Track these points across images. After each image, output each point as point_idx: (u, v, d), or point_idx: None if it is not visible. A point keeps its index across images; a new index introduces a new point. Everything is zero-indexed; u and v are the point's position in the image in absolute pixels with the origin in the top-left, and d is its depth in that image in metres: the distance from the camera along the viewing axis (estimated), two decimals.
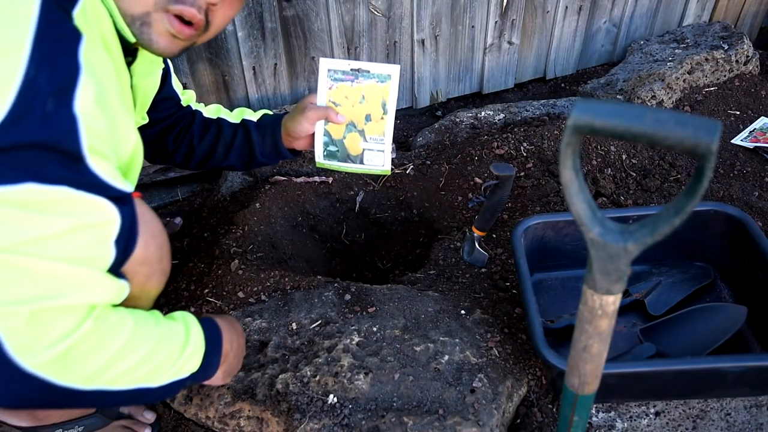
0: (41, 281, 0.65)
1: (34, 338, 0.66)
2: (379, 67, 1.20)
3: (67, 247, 0.67)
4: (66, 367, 0.69)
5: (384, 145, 1.22)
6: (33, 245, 0.64)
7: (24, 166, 0.62)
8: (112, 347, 0.73)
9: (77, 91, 0.67)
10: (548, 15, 2.31)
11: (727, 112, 2.05)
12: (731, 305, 1.32)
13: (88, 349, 0.71)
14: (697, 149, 0.51)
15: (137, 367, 0.77)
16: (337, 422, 1.08)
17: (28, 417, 1.11)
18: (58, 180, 0.64)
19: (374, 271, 1.77)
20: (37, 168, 0.63)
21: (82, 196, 0.67)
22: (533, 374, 1.22)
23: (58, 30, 0.67)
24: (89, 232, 0.69)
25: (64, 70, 0.66)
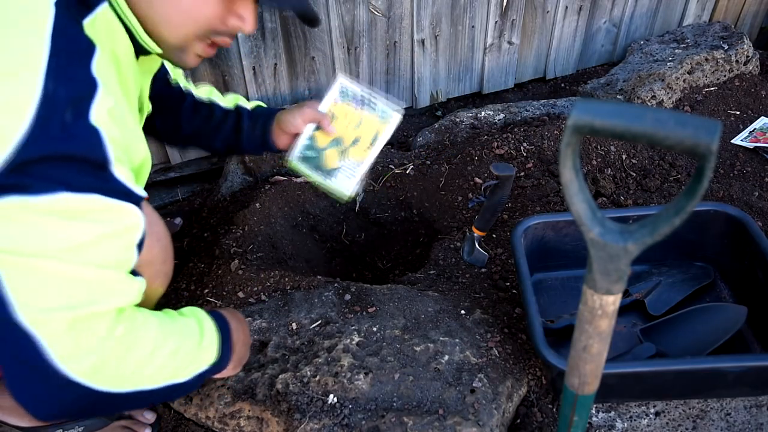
0: (79, 287, 0.67)
1: (75, 345, 0.67)
2: (386, 105, 1.24)
3: (100, 253, 0.69)
4: (106, 372, 0.71)
5: (357, 173, 1.24)
6: (70, 252, 0.66)
7: (55, 177, 0.64)
8: (144, 347, 0.75)
9: (94, 102, 0.68)
10: (548, 15, 2.31)
11: (727, 112, 2.05)
12: (731, 305, 1.32)
13: (123, 352, 0.73)
14: (697, 149, 0.51)
15: (166, 364, 0.80)
16: (337, 422, 1.08)
17: (28, 417, 1.11)
18: (88, 188, 0.66)
19: (374, 271, 1.77)
20: (68, 178, 0.64)
21: (112, 203, 0.69)
22: (533, 374, 1.22)
23: (72, 41, 0.68)
24: (119, 238, 0.71)
25: (80, 83, 0.67)
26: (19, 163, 0.61)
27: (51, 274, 0.65)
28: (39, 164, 0.62)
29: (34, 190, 0.62)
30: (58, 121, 0.63)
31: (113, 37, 0.77)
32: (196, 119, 1.27)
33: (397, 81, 2.18)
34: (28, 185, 0.62)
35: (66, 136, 0.64)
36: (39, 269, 0.65)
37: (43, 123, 0.62)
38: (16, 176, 0.61)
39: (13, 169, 0.61)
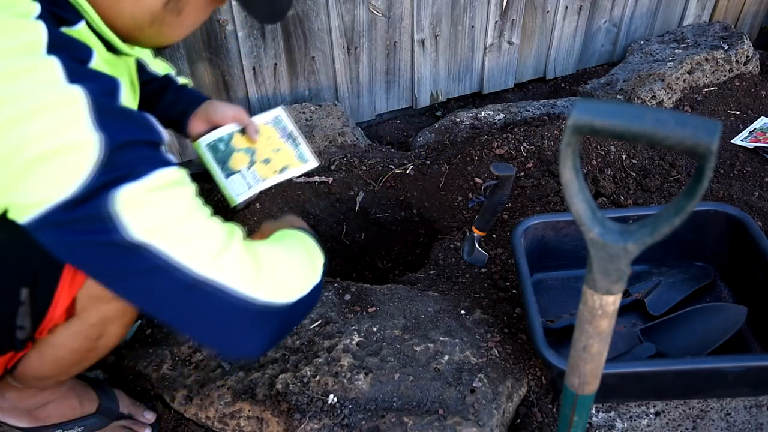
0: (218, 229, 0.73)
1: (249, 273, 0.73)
2: (307, 150, 1.32)
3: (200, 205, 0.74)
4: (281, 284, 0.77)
5: (255, 187, 1.26)
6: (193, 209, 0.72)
7: (143, 160, 0.68)
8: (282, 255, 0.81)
9: (120, 93, 0.70)
10: (548, 15, 2.31)
11: (727, 112, 2.05)
12: (731, 305, 1.32)
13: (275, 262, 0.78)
14: (697, 149, 0.51)
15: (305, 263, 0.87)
16: (337, 422, 1.08)
17: (28, 417, 1.11)
18: (167, 162, 0.71)
19: (374, 271, 1.77)
20: (152, 158, 0.69)
21: (182, 173, 0.73)
22: (533, 374, 1.22)
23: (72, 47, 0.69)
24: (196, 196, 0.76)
25: (100, 78, 0.69)
26: (107, 160, 0.64)
27: (196, 229, 0.71)
28: (123, 153, 0.66)
29: (137, 174, 0.66)
30: (112, 110, 0.67)
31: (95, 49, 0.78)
32: None
33: (397, 81, 2.18)
34: (129, 173, 0.66)
35: (129, 121, 0.69)
36: (187, 231, 0.70)
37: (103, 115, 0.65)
38: (112, 170, 0.64)
39: (105, 167, 0.64)
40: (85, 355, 0.97)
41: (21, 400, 1.09)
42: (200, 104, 1.25)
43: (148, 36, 0.81)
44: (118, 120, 0.67)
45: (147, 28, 0.78)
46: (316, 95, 2.07)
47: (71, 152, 0.63)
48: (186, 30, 0.84)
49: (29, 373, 0.97)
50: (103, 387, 1.21)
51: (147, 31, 0.79)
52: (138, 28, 0.78)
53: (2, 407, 1.10)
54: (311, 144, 1.90)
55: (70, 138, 0.63)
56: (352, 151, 1.93)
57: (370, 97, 2.17)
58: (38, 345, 0.92)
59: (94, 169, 0.63)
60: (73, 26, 0.72)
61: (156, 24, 0.78)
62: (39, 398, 1.10)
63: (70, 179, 0.63)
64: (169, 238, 0.68)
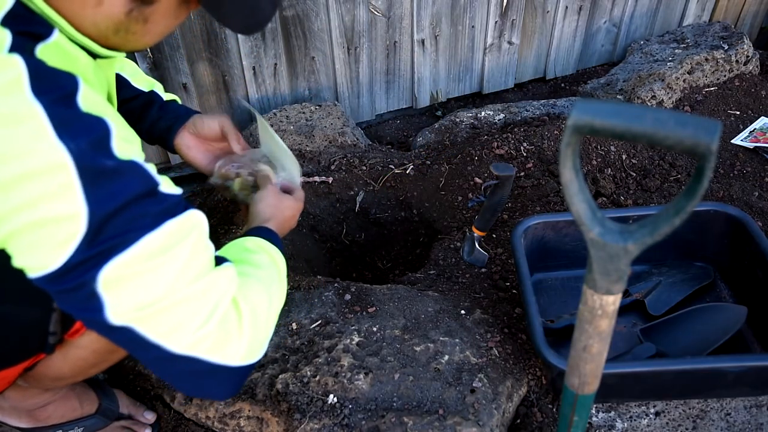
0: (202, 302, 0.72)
1: (226, 344, 0.75)
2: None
3: (197, 262, 0.73)
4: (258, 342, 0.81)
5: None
6: (179, 279, 0.69)
7: (131, 225, 0.65)
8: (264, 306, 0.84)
9: (112, 138, 0.67)
10: (548, 15, 2.31)
11: (727, 112, 2.05)
12: (731, 305, 1.32)
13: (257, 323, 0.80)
14: (697, 149, 0.51)
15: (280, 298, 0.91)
16: (337, 422, 1.08)
17: (28, 418, 1.11)
18: (160, 219, 0.68)
19: (374, 271, 1.77)
20: (141, 220, 0.66)
21: (180, 219, 0.71)
22: (533, 374, 1.22)
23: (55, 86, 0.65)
24: (200, 240, 0.75)
25: (89, 124, 0.65)
26: (97, 228, 0.62)
27: (177, 306, 0.70)
28: (112, 222, 0.64)
29: (124, 244, 0.64)
30: (101, 172, 0.64)
31: (72, 59, 0.74)
32: None
33: (397, 81, 2.18)
34: (114, 246, 0.64)
35: (117, 183, 0.65)
36: (165, 310, 0.69)
37: (91, 182, 0.62)
38: (99, 243, 0.63)
39: (95, 236, 0.62)
40: (105, 356, 0.98)
41: (22, 401, 1.09)
42: (187, 119, 1.22)
43: (115, 44, 0.77)
44: (108, 183, 0.64)
45: (112, 37, 0.75)
46: (316, 95, 2.07)
47: (59, 224, 0.61)
48: (157, 36, 0.80)
49: (48, 374, 0.98)
50: (103, 387, 1.21)
51: (112, 40, 0.75)
52: (102, 36, 0.74)
53: (2, 407, 1.10)
54: (311, 144, 1.91)
55: (57, 210, 0.61)
56: (352, 151, 1.93)
57: (370, 97, 2.17)
58: (63, 346, 0.94)
59: (81, 242, 0.62)
60: (48, 39, 0.69)
61: (121, 32, 0.75)
62: (40, 399, 1.10)
63: (58, 252, 0.62)
64: (147, 321, 0.68)
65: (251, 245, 0.95)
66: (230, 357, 0.76)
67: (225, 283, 0.77)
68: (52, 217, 0.61)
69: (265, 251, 0.95)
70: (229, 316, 0.76)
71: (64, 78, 0.66)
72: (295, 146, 1.88)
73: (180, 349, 0.71)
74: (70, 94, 0.65)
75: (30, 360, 0.92)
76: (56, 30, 0.70)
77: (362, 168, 1.84)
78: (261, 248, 0.95)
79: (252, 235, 0.99)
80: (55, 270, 0.62)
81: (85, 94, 0.67)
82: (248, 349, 0.78)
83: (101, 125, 0.66)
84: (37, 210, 0.60)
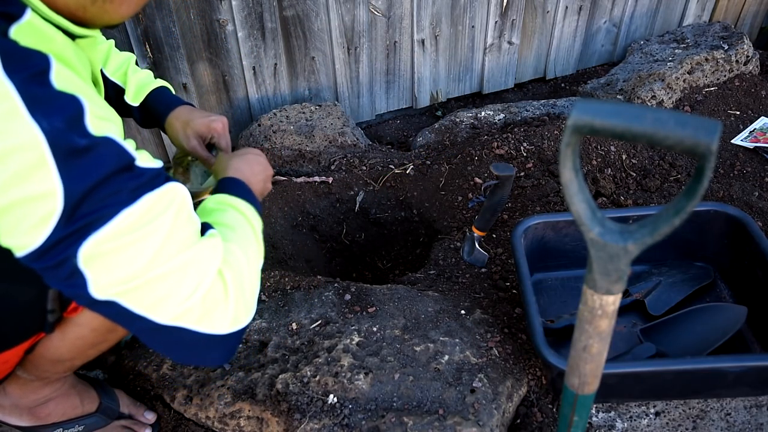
0: (187, 274, 0.72)
1: (212, 314, 0.75)
2: None
3: (180, 234, 0.73)
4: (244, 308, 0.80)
5: None
6: (161, 254, 0.70)
7: (107, 201, 0.65)
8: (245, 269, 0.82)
9: (86, 115, 0.66)
10: (548, 15, 2.31)
11: (727, 112, 2.05)
12: (731, 305, 1.32)
13: (241, 288, 0.80)
14: (696, 149, 0.51)
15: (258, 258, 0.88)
16: (337, 422, 1.08)
17: (28, 415, 1.11)
18: (137, 194, 0.68)
19: (374, 271, 1.77)
20: (117, 195, 0.66)
21: (158, 192, 0.71)
22: (533, 374, 1.22)
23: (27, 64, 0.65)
24: (182, 212, 0.74)
25: (62, 102, 0.65)
26: (74, 206, 0.63)
27: (160, 280, 0.70)
28: (89, 197, 0.64)
29: (102, 220, 0.65)
30: (75, 150, 0.64)
31: (47, 39, 0.74)
32: None
33: (397, 81, 2.18)
34: (91, 222, 0.64)
35: (92, 161, 0.65)
36: (148, 284, 0.69)
37: (66, 161, 0.62)
38: (76, 220, 0.63)
39: (72, 214, 0.63)
40: (104, 335, 0.99)
41: (23, 397, 1.09)
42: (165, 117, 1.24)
43: (93, 15, 0.76)
44: (82, 160, 0.64)
45: (89, 7, 0.75)
46: (316, 95, 2.07)
47: (36, 203, 0.61)
48: (133, 7, 0.79)
49: (47, 356, 0.98)
50: (103, 387, 1.21)
51: (90, 10, 0.75)
52: (81, 7, 0.74)
53: (3, 405, 1.10)
54: (311, 144, 1.91)
55: (33, 189, 0.61)
56: (352, 151, 1.93)
57: (370, 97, 2.17)
58: (62, 325, 0.95)
59: (59, 220, 0.62)
60: (20, 19, 0.68)
61: (99, 1, 0.75)
62: (41, 395, 1.10)
63: (38, 230, 0.62)
64: (130, 294, 0.69)
65: (214, 204, 0.94)
66: (218, 326, 0.76)
67: (210, 254, 0.77)
68: (28, 197, 0.61)
69: (234, 208, 0.94)
70: (215, 286, 0.76)
71: (35, 56, 0.66)
72: (295, 146, 1.88)
73: (167, 320, 0.72)
74: (42, 71, 0.65)
75: (30, 340, 0.92)
76: (29, 9, 0.69)
77: (362, 168, 1.84)
78: (230, 206, 0.94)
79: (220, 191, 0.97)
80: (36, 248, 0.63)
81: (58, 71, 0.67)
82: (235, 315, 0.79)
83: (74, 103, 0.66)
84: (13, 190, 0.61)
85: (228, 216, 0.92)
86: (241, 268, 0.82)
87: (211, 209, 0.94)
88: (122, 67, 1.25)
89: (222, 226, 0.88)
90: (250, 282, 0.84)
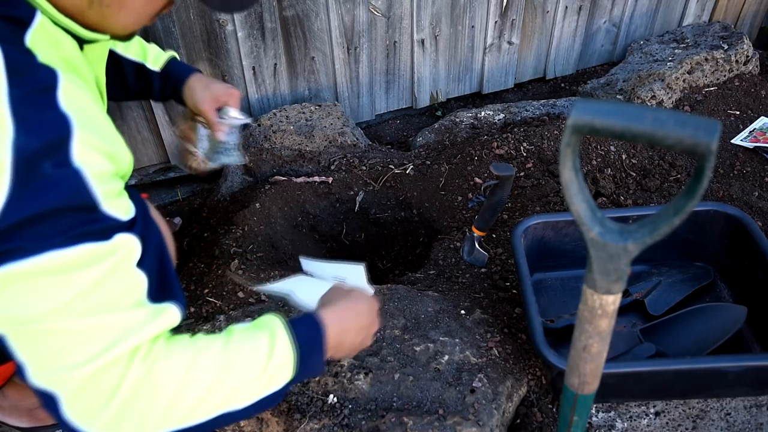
0: (87, 340, 0.65)
1: (88, 402, 0.66)
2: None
3: (103, 295, 0.66)
4: (129, 422, 0.67)
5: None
6: (69, 307, 0.64)
7: (44, 235, 0.61)
8: (167, 388, 0.69)
9: (72, 142, 0.64)
10: (548, 15, 2.31)
11: (727, 112, 2.05)
12: (731, 305, 1.32)
13: (143, 397, 0.68)
14: (696, 149, 0.51)
15: (208, 397, 0.72)
16: (337, 422, 1.08)
17: (28, 417, 1.12)
18: (77, 239, 0.63)
19: (374, 271, 1.77)
20: (56, 233, 0.62)
21: (102, 246, 0.66)
22: (533, 374, 1.22)
23: (31, 79, 0.63)
24: (117, 271, 0.68)
25: (52, 126, 0.63)
26: (6, 228, 0.60)
27: (55, 334, 0.64)
28: (27, 225, 0.61)
29: (24, 253, 0.61)
30: (38, 175, 0.61)
31: (57, 44, 0.72)
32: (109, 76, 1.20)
33: (397, 81, 2.18)
34: (19, 248, 0.61)
35: (48, 190, 0.61)
36: (43, 332, 0.64)
37: (22, 182, 0.60)
38: (6, 242, 0.60)
39: (2, 234, 0.60)
40: None
41: (22, 399, 1.09)
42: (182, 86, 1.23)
43: (92, 20, 0.74)
44: (37, 188, 0.61)
45: (87, 10, 0.72)
46: (316, 95, 2.07)
47: None
48: (135, 15, 0.76)
49: None
50: None
51: (88, 14, 0.72)
52: (79, 11, 0.72)
53: (2, 407, 1.10)
54: (311, 144, 1.91)
55: None
56: (352, 151, 1.93)
57: (370, 97, 2.17)
58: None
59: None
60: (32, 24, 0.67)
61: (95, 5, 0.72)
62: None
63: None
64: (17, 338, 0.64)
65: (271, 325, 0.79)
66: (86, 419, 0.66)
67: (132, 328, 0.68)
68: None
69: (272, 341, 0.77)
70: (111, 368, 0.66)
71: (43, 71, 0.64)
72: (295, 146, 1.89)
73: (41, 383, 0.65)
74: (46, 88, 0.63)
75: None
76: (38, 12, 0.68)
77: (362, 168, 1.84)
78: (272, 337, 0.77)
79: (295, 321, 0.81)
80: None
81: (65, 88, 0.65)
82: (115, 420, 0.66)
83: (64, 127, 0.63)
84: None
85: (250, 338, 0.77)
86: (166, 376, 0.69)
87: (257, 322, 0.81)
88: (134, 42, 1.22)
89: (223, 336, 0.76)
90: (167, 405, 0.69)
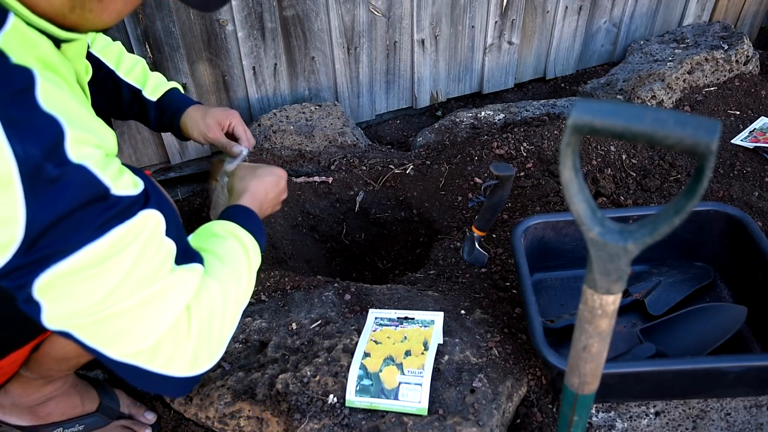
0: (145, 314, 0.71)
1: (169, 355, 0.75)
2: (423, 315, 1.24)
3: (145, 267, 0.71)
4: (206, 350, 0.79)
5: (422, 379, 1.11)
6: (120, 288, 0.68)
7: (75, 233, 0.64)
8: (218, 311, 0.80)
9: (66, 141, 0.64)
10: (548, 15, 2.31)
11: (727, 112, 2.05)
12: (731, 305, 1.32)
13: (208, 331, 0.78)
14: (696, 149, 0.51)
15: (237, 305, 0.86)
16: (337, 422, 1.08)
17: (29, 415, 1.12)
18: (106, 226, 0.67)
19: (374, 271, 1.77)
20: (85, 228, 0.65)
21: (130, 224, 0.69)
22: (533, 374, 1.22)
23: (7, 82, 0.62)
24: (151, 243, 0.72)
25: (43, 128, 0.63)
26: (35, 237, 0.61)
27: (114, 317, 0.69)
28: (55, 229, 0.62)
29: (61, 254, 0.64)
30: (46, 181, 0.62)
31: (32, 44, 0.70)
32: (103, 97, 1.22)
33: (397, 81, 2.18)
34: (52, 254, 0.63)
35: (61, 192, 0.63)
36: (102, 320, 0.68)
37: (34, 192, 0.60)
38: (37, 251, 0.62)
39: (32, 244, 0.61)
40: None
41: (23, 396, 1.09)
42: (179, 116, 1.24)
43: (73, 22, 0.73)
44: (50, 191, 0.62)
45: (68, 14, 0.71)
46: (316, 95, 2.07)
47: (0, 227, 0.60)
48: (115, 14, 0.75)
49: (52, 354, 0.98)
50: (103, 386, 1.21)
51: (69, 18, 0.72)
52: (59, 14, 0.71)
53: (3, 405, 1.10)
54: (311, 144, 1.90)
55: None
56: (352, 151, 1.93)
57: (370, 97, 2.17)
58: None
59: (18, 249, 0.61)
60: (5, 25, 0.66)
61: (77, 9, 0.71)
62: (41, 393, 1.10)
63: (1, 253, 0.61)
64: (83, 329, 0.69)
65: (219, 230, 0.92)
66: (174, 368, 0.75)
67: (179, 289, 0.75)
68: None
69: (238, 240, 0.92)
70: (177, 325, 0.75)
71: (18, 72, 0.63)
72: (295, 146, 1.88)
73: (119, 357, 0.71)
74: (24, 89, 0.63)
75: (38, 338, 0.92)
76: (11, 14, 0.67)
77: (362, 168, 1.84)
78: (234, 236, 0.92)
79: (230, 216, 0.96)
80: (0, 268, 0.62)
81: (44, 87, 0.64)
82: (194, 359, 0.77)
83: (55, 127, 0.64)
84: None
85: (226, 246, 0.89)
86: (213, 308, 0.80)
87: (214, 234, 0.91)
88: (135, 66, 1.25)
89: (214, 257, 0.86)
90: (221, 325, 0.82)
